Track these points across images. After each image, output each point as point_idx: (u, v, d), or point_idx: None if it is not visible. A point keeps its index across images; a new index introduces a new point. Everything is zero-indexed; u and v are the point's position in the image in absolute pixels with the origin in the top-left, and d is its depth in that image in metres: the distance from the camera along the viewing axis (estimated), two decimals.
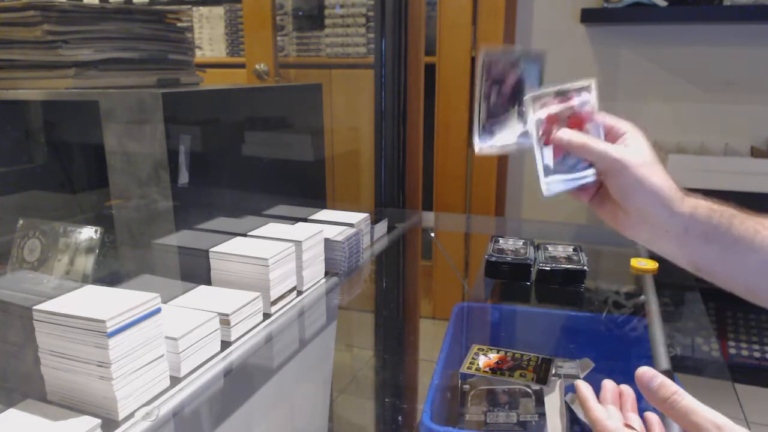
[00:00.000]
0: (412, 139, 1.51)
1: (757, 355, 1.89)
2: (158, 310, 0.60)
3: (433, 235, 1.53)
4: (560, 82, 0.62)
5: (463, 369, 0.88)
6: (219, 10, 2.54)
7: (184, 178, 0.78)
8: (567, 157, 0.60)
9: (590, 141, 0.58)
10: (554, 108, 0.61)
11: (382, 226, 1.20)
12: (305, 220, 1.06)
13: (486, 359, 0.90)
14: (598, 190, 0.62)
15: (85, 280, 0.71)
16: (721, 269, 0.57)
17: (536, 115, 0.61)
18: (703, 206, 0.57)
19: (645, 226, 0.58)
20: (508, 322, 1.04)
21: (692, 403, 0.44)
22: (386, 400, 0.98)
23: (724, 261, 0.56)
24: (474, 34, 2.08)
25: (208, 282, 0.84)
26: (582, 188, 0.61)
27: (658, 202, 0.56)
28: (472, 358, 0.91)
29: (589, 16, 1.92)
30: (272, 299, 0.81)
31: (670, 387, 0.45)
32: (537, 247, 1.13)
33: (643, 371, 0.47)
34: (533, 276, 1.04)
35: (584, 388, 0.58)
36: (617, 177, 0.57)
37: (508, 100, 0.64)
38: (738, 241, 0.55)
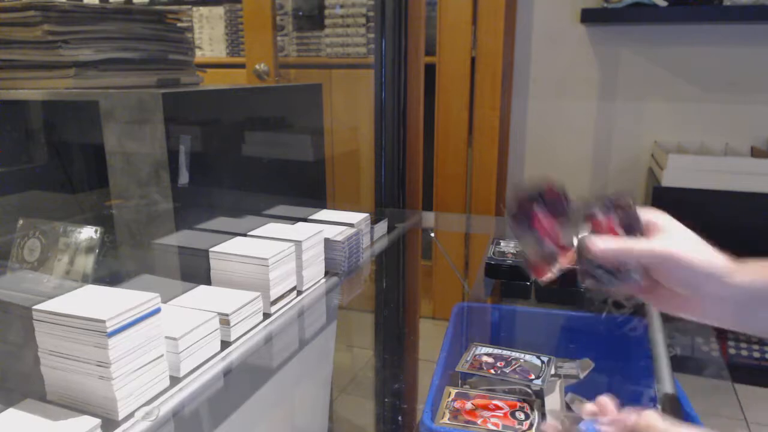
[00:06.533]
0: (412, 139, 1.51)
1: (757, 355, 1.89)
2: (158, 310, 0.60)
3: (433, 235, 1.53)
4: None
5: (462, 368, 0.88)
6: (219, 10, 2.54)
7: (184, 178, 0.78)
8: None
9: (630, 243, 0.57)
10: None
11: (382, 226, 1.20)
12: (305, 220, 1.06)
13: (485, 359, 0.89)
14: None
15: (85, 280, 0.71)
16: None
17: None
18: (761, 271, 0.55)
19: (707, 305, 0.57)
20: (508, 322, 1.04)
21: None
22: (386, 400, 0.98)
23: None
24: (474, 34, 2.08)
25: (208, 282, 0.84)
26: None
27: (716, 279, 0.55)
28: (473, 357, 0.91)
29: (589, 16, 1.92)
30: (272, 299, 0.81)
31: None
32: None
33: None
34: (533, 276, 1.04)
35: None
36: (669, 269, 0.56)
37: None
38: None
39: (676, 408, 0.68)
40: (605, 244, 0.56)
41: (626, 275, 0.57)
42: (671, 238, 0.56)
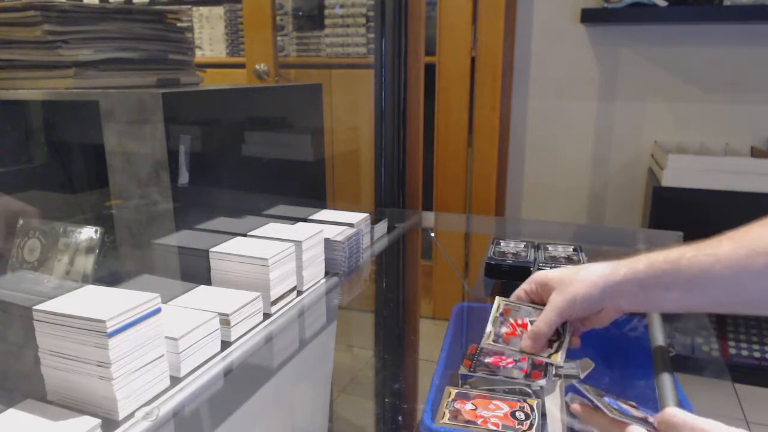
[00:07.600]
0: (412, 139, 1.51)
1: (757, 355, 1.89)
2: (158, 310, 0.60)
3: (433, 235, 1.53)
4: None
5: (462, 369, 0.87)
6: (219, 10, 2.54)
7: (184, 178, 0.78)
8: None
9: (541, 321, 0.70)
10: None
11: (382, 226, 1.20)
12: (305, 220, 1.06)
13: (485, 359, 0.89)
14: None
15: (85, 280, 0.71)
16: (696, 305, 0.63)
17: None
18: (642, 261, 0.65)
19: (623, 304, 0.68)
20: None
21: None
22: (386, 400, 0.98)
23: (690, 299, 0.62)
24: (474, 34, 2.08)
25: (208, 282, 0.84)
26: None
27: (614, 284, 0.66)
28: (473, 358, 0.91)
29: (589, 16, 1.92)
30: (272, 299, 0.81)
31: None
32: (537, 248, 1.13)
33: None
34: None
35: (580, 407, 0.60)
36: (579, 305, 0.68)
37: None
38: (695, 278, 0.60)
39: (666, 360, 0.72)
40: (529, 338, 0.71)
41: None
42: (562, 289, 0.69)
